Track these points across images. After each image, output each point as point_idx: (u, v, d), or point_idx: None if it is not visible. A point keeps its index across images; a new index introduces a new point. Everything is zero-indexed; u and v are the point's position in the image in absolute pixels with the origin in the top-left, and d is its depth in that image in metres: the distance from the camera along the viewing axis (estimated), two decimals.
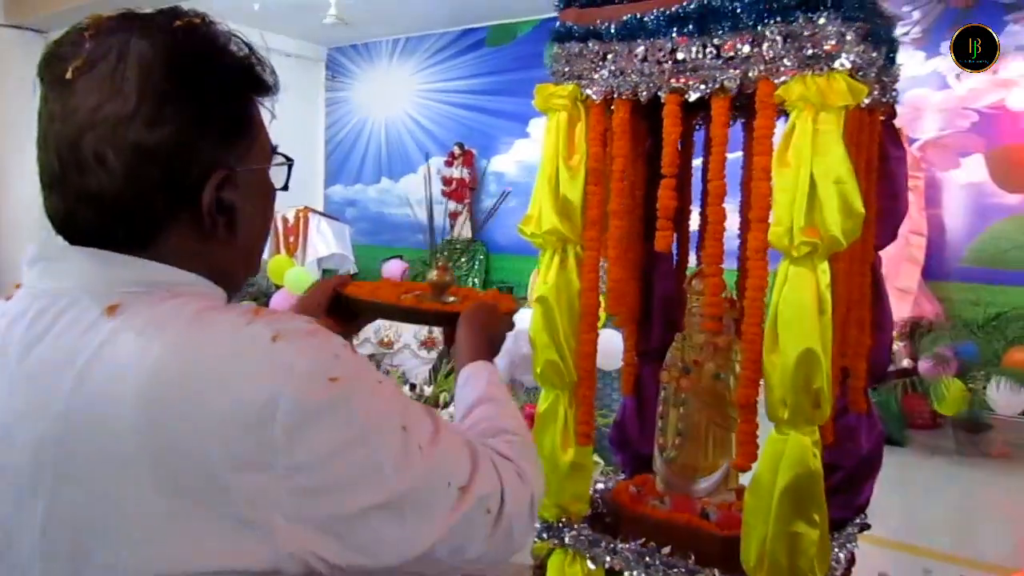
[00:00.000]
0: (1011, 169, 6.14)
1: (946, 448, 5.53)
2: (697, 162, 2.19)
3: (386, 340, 4.82)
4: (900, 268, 6.22)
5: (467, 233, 8.71)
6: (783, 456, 1.70)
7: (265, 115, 0.87)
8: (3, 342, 0.76)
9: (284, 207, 6.15)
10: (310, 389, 0.69)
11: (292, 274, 5.59)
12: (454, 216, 8.77)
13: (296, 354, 0.70)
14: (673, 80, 1.80)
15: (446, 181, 8.76)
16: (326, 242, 5.77)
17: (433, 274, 1.42)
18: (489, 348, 1.24)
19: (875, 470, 2.21)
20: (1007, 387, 5.16)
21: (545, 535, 2.07)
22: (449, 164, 8.77)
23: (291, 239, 5.80)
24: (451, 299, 1.41)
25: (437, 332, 4.63)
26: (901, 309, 6.14)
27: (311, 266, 5.81)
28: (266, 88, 0.84)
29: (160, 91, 0.73)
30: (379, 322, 4.90)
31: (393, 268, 8.62)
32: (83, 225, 0.76)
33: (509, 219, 8.70)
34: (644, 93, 1.85)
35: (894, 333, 5.77)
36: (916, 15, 6.48)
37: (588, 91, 1.93)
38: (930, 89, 6.39)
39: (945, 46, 6.33)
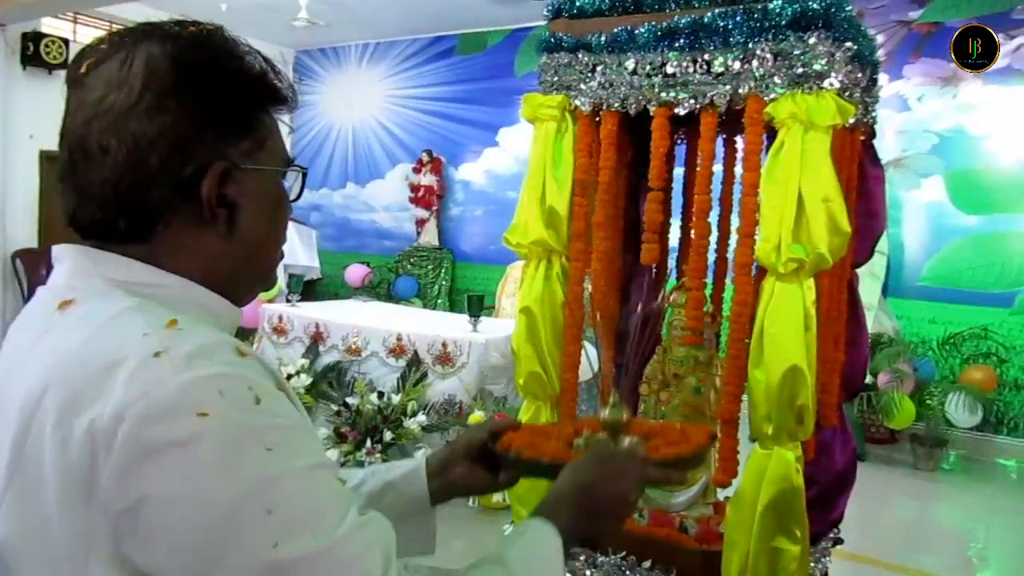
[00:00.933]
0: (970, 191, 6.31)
1: (903, 461, 5.64)
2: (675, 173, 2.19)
3: (353, 347, 4.76)
4: (862, 284, 6.34)
5: (434, 240, 8.67)
6: (766, 472, 1.70)
7: (283, 127, 0.88)
8: (11, 336, 0.82)
9: None
10: (158, 420, 0.63)
11: None
12: (421, 223, 8.72)
13: (167, 375, 0.65)
14: (663, 93, 1.81)
15: (413, 188, 8.71)
16: (292, 247, 5.67)
17: (605, 412, 1.16)
18: (584, 514, 0.97)
19: (849, 485, 2.23)
20: (964, 403, 5.29)
21: None
22: (417, 171, 8.72)
23: None
24: (633, 441, 1.13)
25: (407, 340, 4.58)
26: None
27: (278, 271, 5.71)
28: (281, 99, 0.85)
29: (163, 84, 0.76)
30: (346, 327, 4.83)
31: (355, 274, 8.55)
32: (88, 218, 0.78)
33: (475, 227, 8.69)
34: (633, 106, 1.85)
35: None
36: (880, 38, 6.63)
37: (576, 102, 1.92)
38: (892, 111, 6.54)
39: (908, 69, 6.50)
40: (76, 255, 0.78)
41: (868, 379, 5.68)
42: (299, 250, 5.68)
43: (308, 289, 8.13)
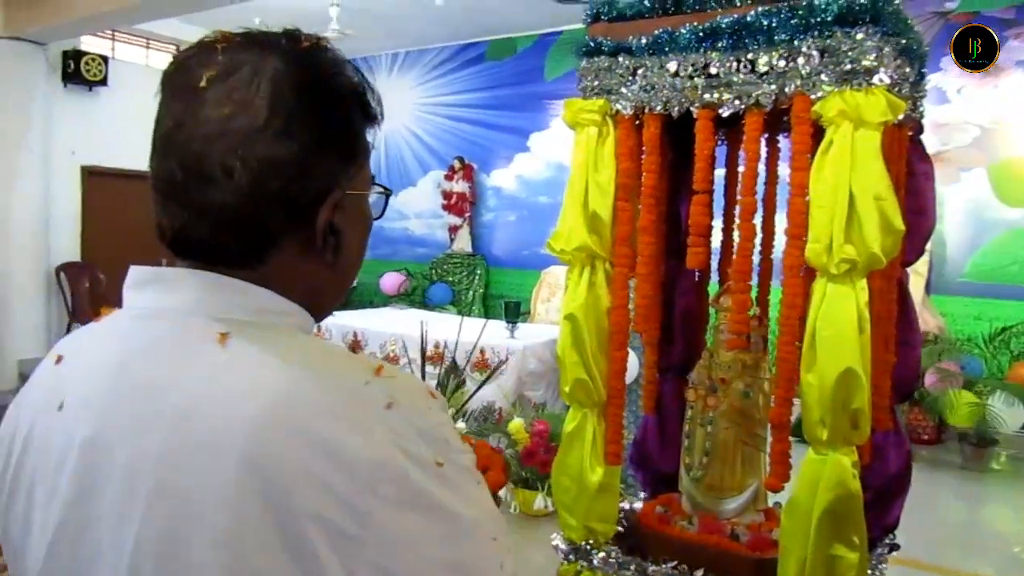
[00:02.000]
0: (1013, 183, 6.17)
1: (950, 463, 5.51)
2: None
3: (392, 354, 4.78)
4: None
5: (467, 247, 8.67)
6: (822, 477, 1.67)
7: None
8: (99, 358, 0.75)
9: None
10: (413, 471, 0.66)
11: None
12: (454, 230, 8.74)
13: (406, 426, 0.68)
14: (706, 95, 1.79)
15: (446, 195, 8.73)
16: None
17: None
18: None
19: (904, 489, 2.18)
20: (1012, 402, 5.16)
21: (572, 557, 2.03)
22: (449, 178, 8.75)
23: None
24: None
25: (444, 347, 4.59)
26: None
27: None
28: (373, 117, 0.82)
29: (289, 107, 0.73)
30: (384, 335, 4.86)
31: (390, 281, 8.60)
32: (196, 238, 0.74)
33: (507, 233, 8.68)
34: (676, 108, 1.83)
35: None
36: (917, 30, 6.51)
37: (618, 105, 1.91)
38: (930, 104, 6.38)
39: (946, 61, 6.36)
40: (200, 281, 0.74)
41: None
42: None
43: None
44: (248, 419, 0.66)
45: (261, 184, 0.72)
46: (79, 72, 7.51)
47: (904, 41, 1.72)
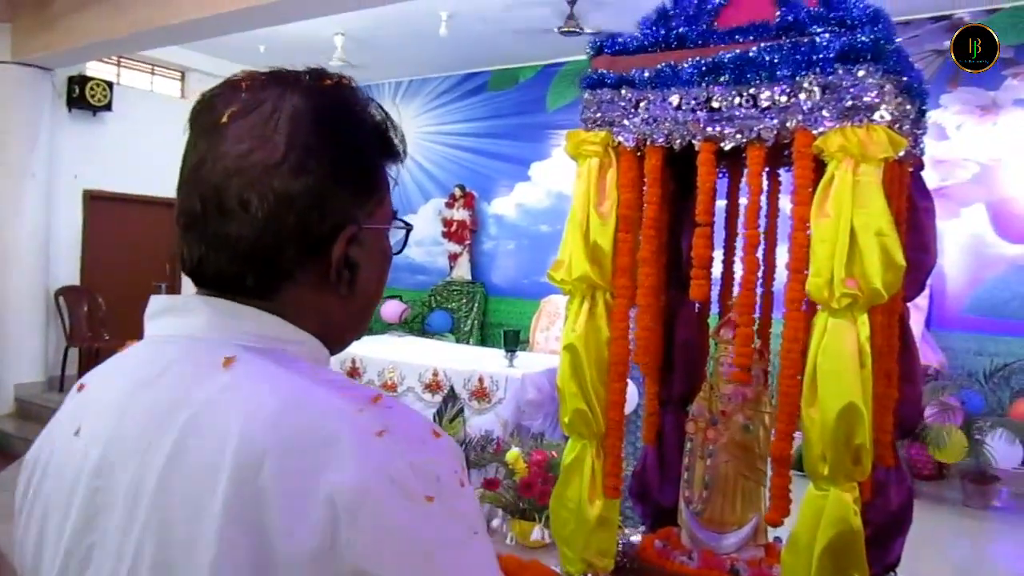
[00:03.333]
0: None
1: (952, 499, 5.46)
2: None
3: (389, 382, 4.76)
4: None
5: (466, 275, 8.69)
6: (823, 513, 1.65)
7: (391, 181, 0.86)
8: (110, 384, 0.78)
9: None
10: (398, 501, 0.65)
11: None
12: (453, 258, 8.76)
13: (397, 456, 0.67)
14: (708, 128, 1.80)
15: (446, 223, 8.77)
16: None
17: None
18: None
19: (905, 526, 2.16)
20: (1007, 439, 5.14)
21: None
22: (450, 206, 8.79)
23: None
24: None
25: (442, 375, 4.58)
26: None
27: None
28: (395, 154, 0.85)
29: (306, 142, 0.75)
30: (382, 363, 4.85)
31: (390, 310, 8.59)
32: (214, 269, 0.76)
33: (507, 261, 8.70)
34: (678, 141, 1.84)
35: None
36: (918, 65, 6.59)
37: (620, 137, 1.92)
38: (930, 140, 6.43)
39: (946, 98, 6.43)
40: (212, 308, 0.76)
41: None
42: None
43: None
44: (237, 440, 0.66)
45: (277, 217, 0.74)
46: (84, 97, 7.58)
47: (905, 79, 1.73)
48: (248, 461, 0.65)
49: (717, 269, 2.29)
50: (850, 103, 1.64)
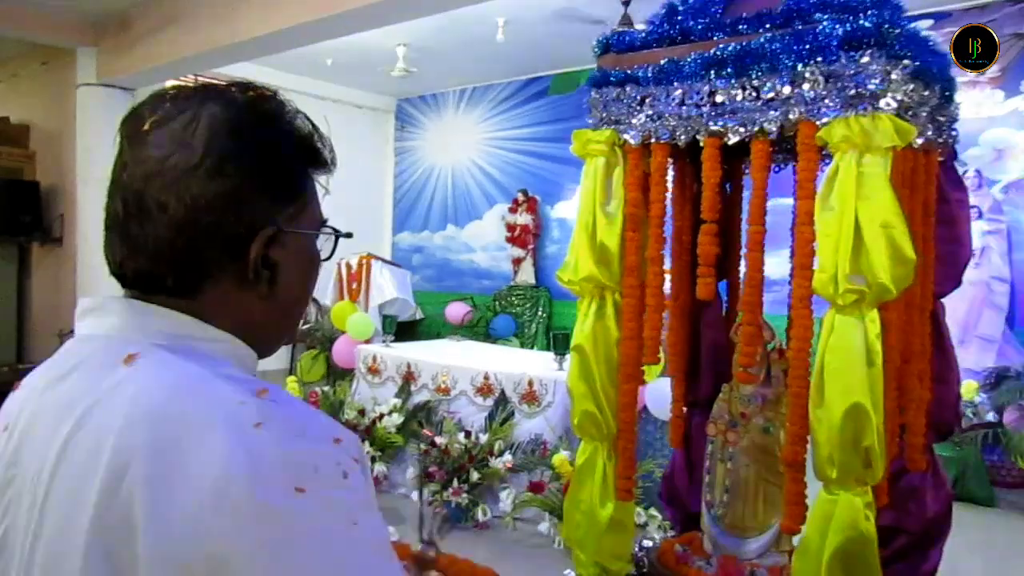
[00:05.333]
0: None
1: None
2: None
3: (443, 386, 4.81)
4: (982, 316, 5.90)
5: (530, 279, 8.69)
6: (832, 518, 1.59)
7: (320, 190, 0.89)
8: (33, 381, 0.82)
9: (348, 254, 6.26)
10: (262, 489, 0.65)
11: (354, 320, 5.67)
12: (517, 262, 8.78)
13: (268, 447, 0.68)
14: (711, 123, 1.76)
15: (510, 228, 8.79)
16: (387, 288, 5.83)
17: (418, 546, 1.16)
18: None
19: (943, 534, 2.05)
20: None
21: None
22: (513, 211, 8.81)
23: (354, 285, 5.89)
24: None
25: (493, 379, 4.59)
26: (984, 359, 5.80)
27: (373, 312, 5.87)
28: (323, 163, 0.88)
29: (223, 147, 0.78)
30: (436, 367, 4.90)
31: (455, 311, 8.68)
32: (136, 270, 0.79)
33: None
34: (683, 137, 1.81)
35: (976, 384, 5.46)
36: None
37: (626, 136, 1.90)
38: (1011, 129, 6.11)
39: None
40: (127, 308, 0.79)
41: (992, 416, 5.25)
42: (391, 289, 5.82)
43: (408, 330, 8.31)
44: (115, 437, 0.69)
45: (194, 219, 0.77)
46: None
47: (918, 63, 1.65)
48: (119, 460, 0.68)
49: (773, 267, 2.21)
50: (854, 91, 1.58)
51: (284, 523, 0.66)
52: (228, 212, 0.77)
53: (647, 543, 2.22)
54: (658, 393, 3.74)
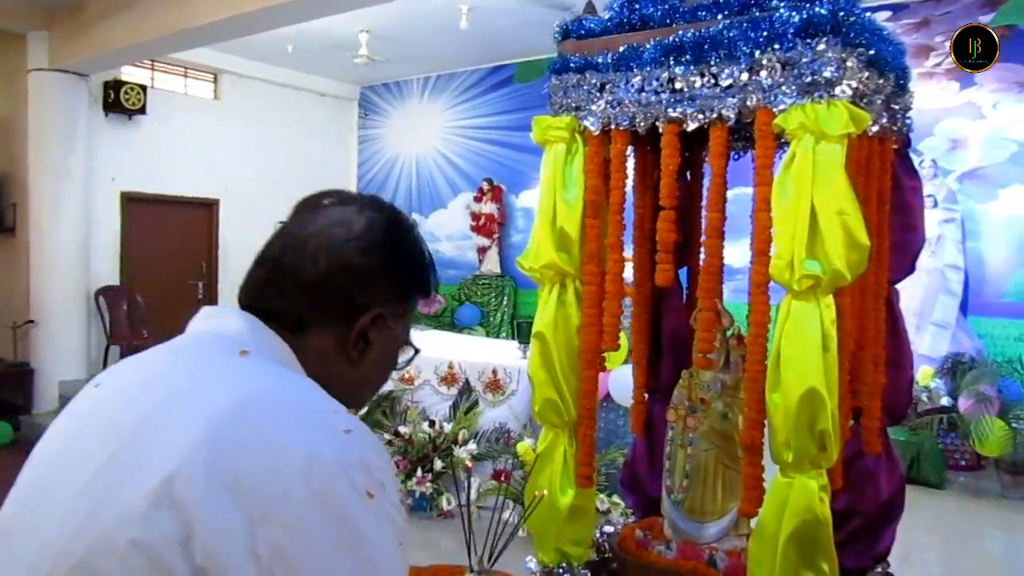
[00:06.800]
0: None
1: (990, 491, 5.28)
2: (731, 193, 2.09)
3: (407, 376, 4.79)
4: (937, 303, 6.04)
5: (495, 268, 8.69)
6: (788, 501, 1.61)
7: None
8: (138, 356, 0.96)
9: None
10: (343, 486, 0.77)
11: None
12: (482, 251, 8.77)
13: (354, 452, 0.81)
14: (670, 110, 1.76)
15: (475, 217, 8.78)
16: None
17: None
18: None
19: (896, 516, 2.09)
20: None
21: None
22: (478, 200, 8.79)
23: None
24: None
25: (457, 368, 4.58)
26: (939, 345, 5.93)
27: None
28: (427, 292, 1.05)
29: (375, 238, 0.97)
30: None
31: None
32: (265, 295, 0.97)
33: None
34: (642, 123, 1.81)
35: (931, 370, 5.59)
36: (949, 45, 6.36)
37: (586, 122, 1.89)
38: (966, 119, 6.24)
39: (981, 76, 6.20)
40: (246, 319, 0.95)
41: (947, 401, 5.38)
42: None
43: None
44: (223, 404, 0.80)
45: (332, 278, 0.95)
46: (119, 101, 7.77)
47: (873, 52, 1.67)
48: (219, 423, 0.79)
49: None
50: (810, 79, 1.59)
51: (350, 521, 0.77)
52: (357, 284, 0.96)
53: (608, 529, 2.23)
54: (621, 381, 3.77)
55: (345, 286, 0.95)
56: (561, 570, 1.97)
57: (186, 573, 0.73)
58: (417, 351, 1.06)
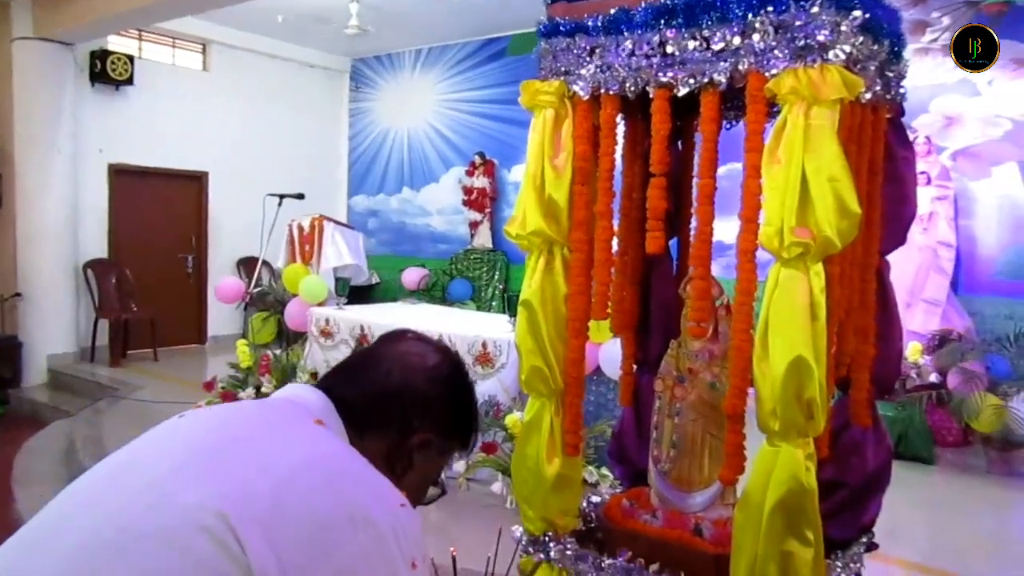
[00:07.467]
0: None
1: (977, 467, 5.31)
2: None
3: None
4: (928, 280, 6.04)
5: (487, 243, 8.66)
6: (774, 470, 1.60)
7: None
8: (224, 405, 1.15)
9: (300, 215, 6.14)
10: (397, 553, 0.91)
11: (306, 283, 5.58)
12: (474, 226, 8.73)
13: (407, 522, 0.95)
14: (661, 74, 1.73)
15: (467, 191, 8.73)
16: (340, 251, 5.74)
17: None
18: None
19: (882, 487, 2.09)
20: None
21: (531, 549, 1.98)
22: (470, 174, 8.74)
23: (306, 247, 5.79)
24: None
25: (447, 341, 4.56)
26: (929, 322, 5.95)
27: (326, 275, 5.78)
28: (467, 443, 1.22)
29: (444, 372, 1.17)
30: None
31: (411, 277, 8.62)
32: (343, 384, 1.13)
33: None
34: (632, 88, 1.78)
35: (921, 346, 5.60)
36: (946, 21, 6.31)
37: (575, 87, 1.86)
38: (960, 96, 6.21)
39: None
40: (326, 401, 1.09)
41: (935, 378, 5.39)
42: (345, 253, 5.73)
43: (365, 294, 8.23)
44: (294, 462, 0.94)
45: (399, 393, 1.11)
46: (106, 72, 7.67)
47: (867, 16, 1.64)
48: (288, 477, 0.91)
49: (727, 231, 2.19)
50: (803, 42, 1.56)
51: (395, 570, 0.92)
52: (418, 406, 1.12)
53: (595, 499, 2.23)
54: (612, 354, 3.76)
55: (407, 404, 1.11)
56: (547, 538, 1.97)
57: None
58: (444, 492, 1.23)
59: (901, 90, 1.98)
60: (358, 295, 7.26)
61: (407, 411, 1.10)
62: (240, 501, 0.86)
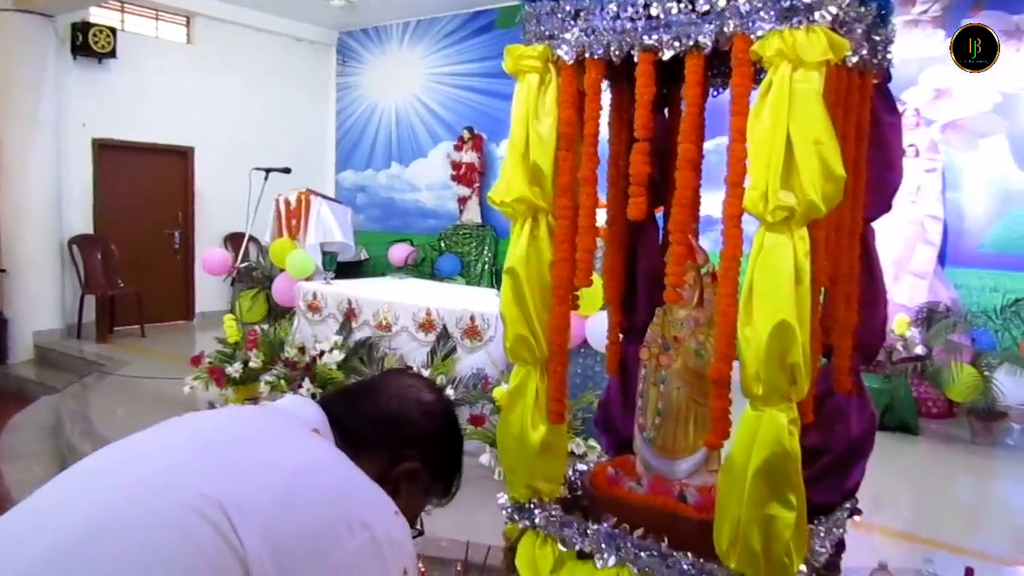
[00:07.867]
0: None
1: (961, 437, 5.38)
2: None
3: (384, 323, 4.76)
4: (915, 252, 6.06)
5: (476, 218, 8.63)
6: (757, 434, 1.60)
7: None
8: (216, 410, 1.23)
9: (287, 190, 6.10)
10: (390, 554, 0.96)
11: (293, 257, 5.54)
12: (463, 201, 8.69)
13: (400, 529, 1.01)
14: (646, 37, 1.71)
15: (455, 166, 8.68)
16: (327, 226, 5.71)
17: None
18: None
19: (865, 453, 2.11)
20: (1014, 372, 5.02)
21: (516, 516, 1.99)
22: (459, 148, 8.69)
23: (293, 222, 5.75)
24: None
25: (435, 314, 4.56)
26: (916, 294, 5.98)
27: (312, 250, 5.74)
28: (448, 488, 1.29)
29: (438, 410, 1.26)
30: (377, 303, 4.84)
31: (398, 253, 8.58)
32: (341, 403, 1.21)
33: None
34: (616, 52, 1.76)
35: (908, 319, 5.63)
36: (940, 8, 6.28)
37: (559, 51, 1.84)
38: (951, 68, 6.19)
39: (967, 23, 6.13)
40: (323, 414, 1.15)
41: (920, 350, 5.43)
42: (333, 228, 5.70)
43: (353, 270, 8.20)
44: (295, 468, 0.98)
45: (395, 420, 1.19)
46: (88, 44, 7.56)
47: None
48: (287, 485, 0.95)
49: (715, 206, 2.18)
50: (789, 3, 1.54)
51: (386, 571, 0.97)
52: (411, 436, 1.19)
53: (581, 467, 2.24)
54: (599, 326, 3.76)
55: (401, 432, 1.17)
56: (532, 506, 1.97)
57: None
58: (421, 533, 1.25)
59: (888, 55, 1.96)
60: (346, 271, 7.23)
61: (400, 439, 1.16)
62: (242, 496, 0.89)
